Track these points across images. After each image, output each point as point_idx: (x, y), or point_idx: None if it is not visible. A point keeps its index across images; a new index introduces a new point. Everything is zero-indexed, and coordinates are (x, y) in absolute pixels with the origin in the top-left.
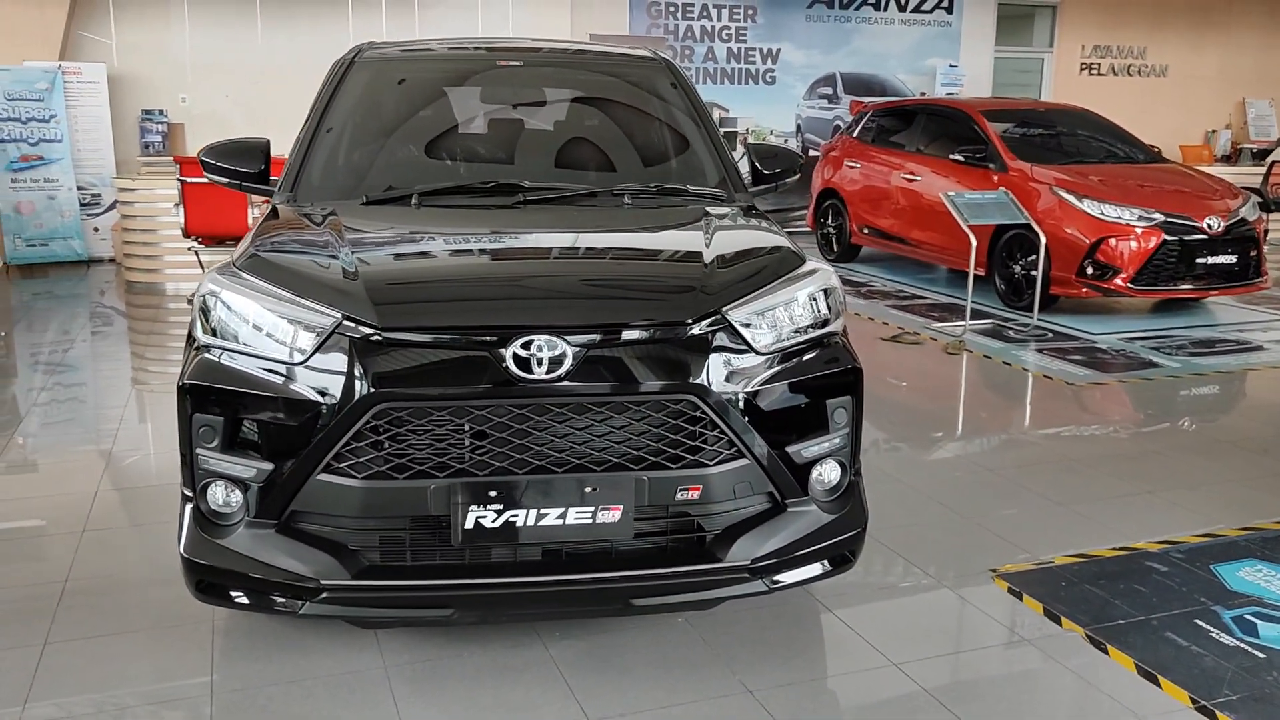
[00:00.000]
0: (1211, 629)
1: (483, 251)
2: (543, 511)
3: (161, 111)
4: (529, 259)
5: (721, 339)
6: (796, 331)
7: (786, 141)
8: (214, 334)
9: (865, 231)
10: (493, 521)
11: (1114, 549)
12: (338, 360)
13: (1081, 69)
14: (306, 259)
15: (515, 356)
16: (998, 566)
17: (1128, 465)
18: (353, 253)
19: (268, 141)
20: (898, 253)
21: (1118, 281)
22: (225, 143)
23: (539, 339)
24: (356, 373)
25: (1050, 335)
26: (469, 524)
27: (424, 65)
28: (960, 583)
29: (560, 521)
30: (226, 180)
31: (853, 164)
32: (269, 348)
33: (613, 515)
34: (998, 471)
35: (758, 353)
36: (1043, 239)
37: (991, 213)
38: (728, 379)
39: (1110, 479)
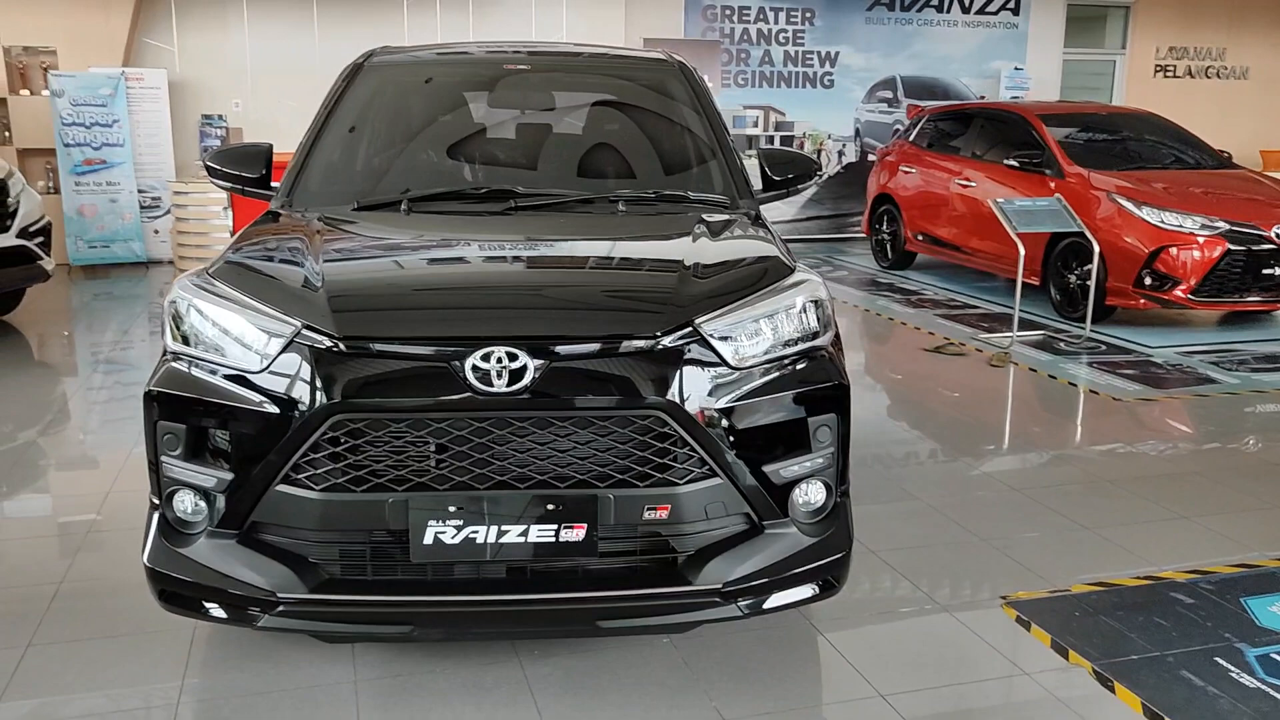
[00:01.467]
0: (1232, 668)
1: (454, 260)
2: (504, 528)
3: (220, 116)
4: (500, 268)
5: (693, 352)
6: (778, 345)
7: (844, 146)
8: (182, 341)
9: (919, 238)
10: (452, 537)
11: (1138, 577)
12: (296, 369)
13: (1156, 71)
14: (277, 266)
15: (475, 368)
16: (1009, 593)
17: (1166, 487)
18: (322, 260)
19: (270, 147)
20: (952, 261)
21: (1178, 293)
22: (230, 148)
23: (499, 351)
24: (314, 383)
25: (1103, 348)
26: (428, 539)
27: (429, 70)
28: (966, 609)
29: (522, 539)
30: (229, 185)
31: (907, 169)
32: (232, 355)
33: (576, 534)
34: (1024, 491)
35: (732, 367)
36: (1096, 247)
37: (1042, 220)
38: (699, 394)
39: (1144, 502)
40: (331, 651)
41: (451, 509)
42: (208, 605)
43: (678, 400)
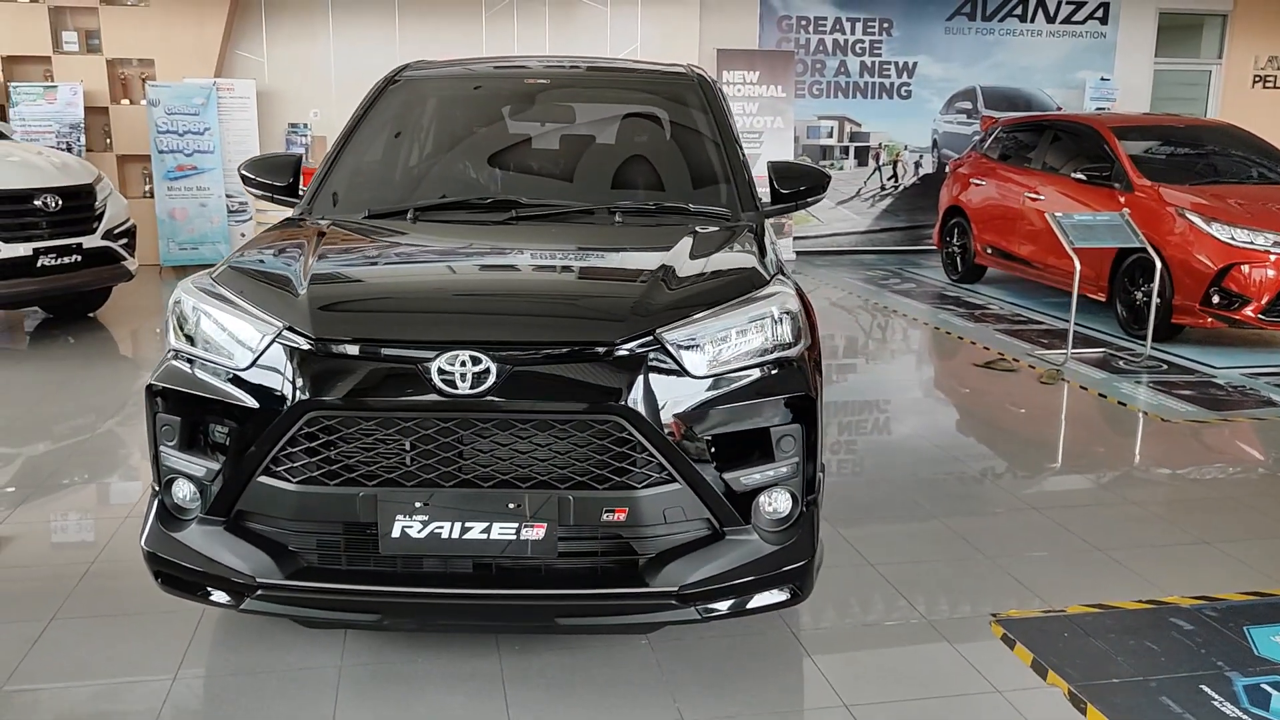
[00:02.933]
0: (1216, 696)
1: (437, 267)
2: (467, 525)
3: (305, 125)
4: (478, 275)
5: (653, 360)
6: (745, 355)
7: (921, 157)
8: (183, 339)
9: (989, 252)
10: (418, 532)
11: (1140, 601)
12: (277, 368)
13: (1255, 81)
14: (272, 271)
15: (440, 371)
16: (1000, 611)
17: (1195, 512)
18: (312, 265)
19: (300, 157)
20: (1021, 275)
21: (1247, 312)
22: (262, 157)
23: (463, 354)
24: (292, 380)
25: (1164, 367)
26: (395, 533)
27: (453, 85)
28: (952, 626)
29: (485, 536)
30: (260, 193)
31: (978, 181)
32: (223, 354)
33: (537, 533)
34: (1044, 511)
35: (693, 376)
36: (1158, 264)
37: (1103, 235)
38: (659, 402)
39: (1167, 526)
40: (323, 638)
41: (417, 505)
42: (196, 588)
43: (636, 407)
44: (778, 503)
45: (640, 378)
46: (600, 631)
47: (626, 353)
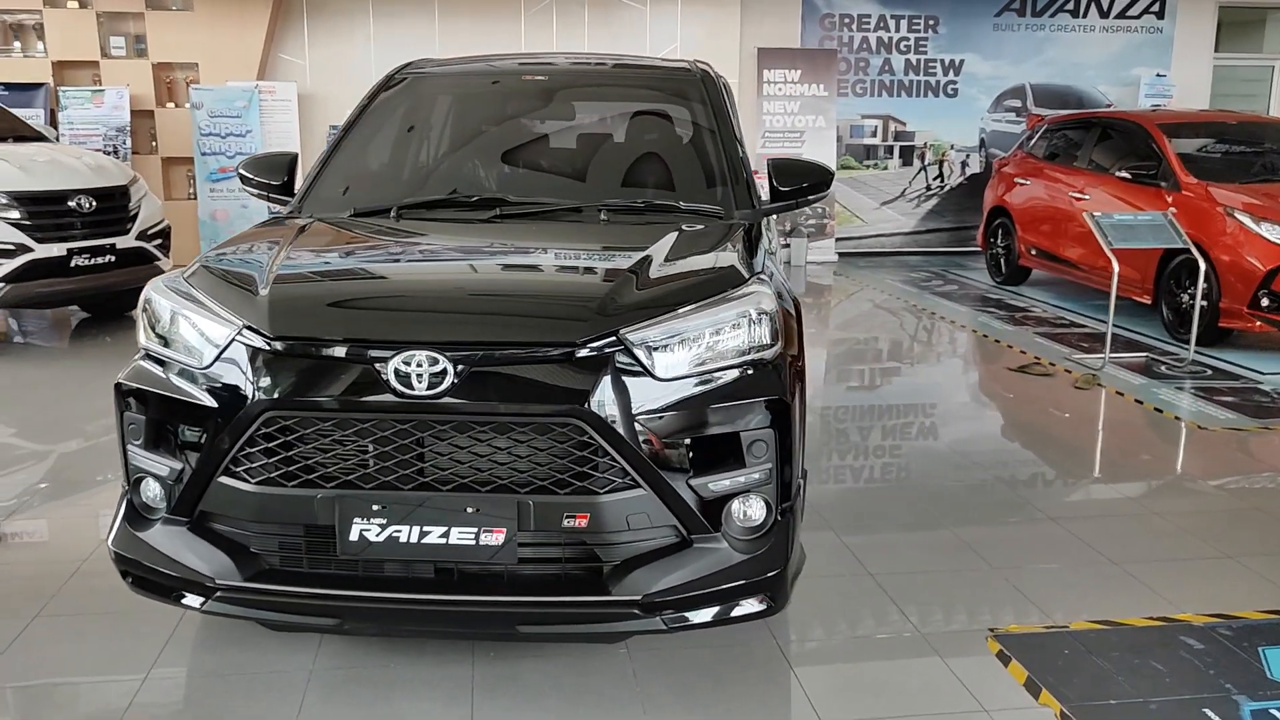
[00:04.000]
0: None
1: (404, 266)
2: (426, 529)
3: None
4: (443, 274)
5: (617, 362)
6: (715, 357)
7: (968, 157)
8: (152, 338)
9: (1033, 253)
10: (376, 535)
11: (1151, 618)
12: (236, 367)
13: None
14: (241, 270)
15: (397, 371)
16: (999, 626)
17: (1221, 525)
18: (279, 264)
19: (295, 156)
20: (1066, 277)
21: None
22: (260, 156)
23: (419, 354)
24: (251, 380)
25: (1208, 372)
26: (354, 536)
27: (452, 82)
28: (946, 640)
29: (443, 540)
30: (256, 191)
31: (1023, 181)
32: (185, 352)
33: (496, 538)
34: (1061, 521)
35: (657, 378)
36: (1202, 266)
37: (1143, 235)
38: (621, 404)
39: (1190, 539)
40: (298, 641)
41: (375, 507)
42: (159, 588)
43: (597, 409)
44: (750, 510)
45: (602, 379)
46: (563, 640)
47: (588, 353)
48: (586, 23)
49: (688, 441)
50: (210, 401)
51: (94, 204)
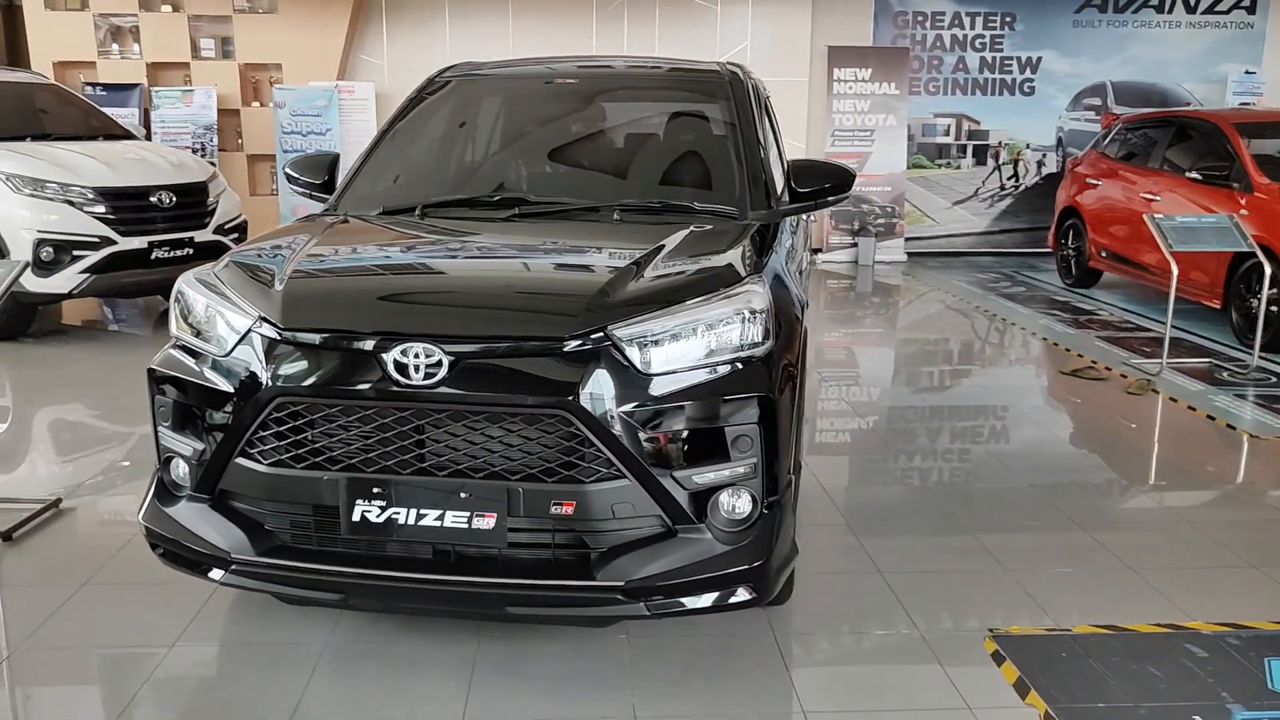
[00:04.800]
0: None
1: (414, 262)
2: (422, 512)
3: None
4: (449, 270)
5: (604, 357)
6: (703, 353)
7: (1044, 156)
8: (185, 328)
9: (1103, 255)
10: (376, 516)
11: (1157, 625)
12: (251, 355)
13: None
14: (265, 265)
15: (396, 362)
16: (999, 627)
17: (1254, 535)
18: (301, 259)
19: (336, 156)
20: (1136, 280)
21: None
22: (304, 157)
23: (416, 346)
24: (264, 367)
25: (1273, 379)
26: (356, 517)
27: (487, 84)
28: (944, 640)
29: (438, 523)
30: (301, 190)
31: (1094, 181)
32: (209, 341)
33: (487, 522)
34: (1086, 528)
35: (644, 373)
36: (1268, 269)
37: (1207, 238)
38: (607, 397)
39: (1219, 548)
40: (320, 616)
41: (375, 490)
42: (182, 560)
43: (583, 402)
44: (737, 503)
45: (589, 373)
46: (551, 622)
47: (576, 348)
48: (658, 22)
49: (672, 434)
50: (229, 387)
51: (174, 199)
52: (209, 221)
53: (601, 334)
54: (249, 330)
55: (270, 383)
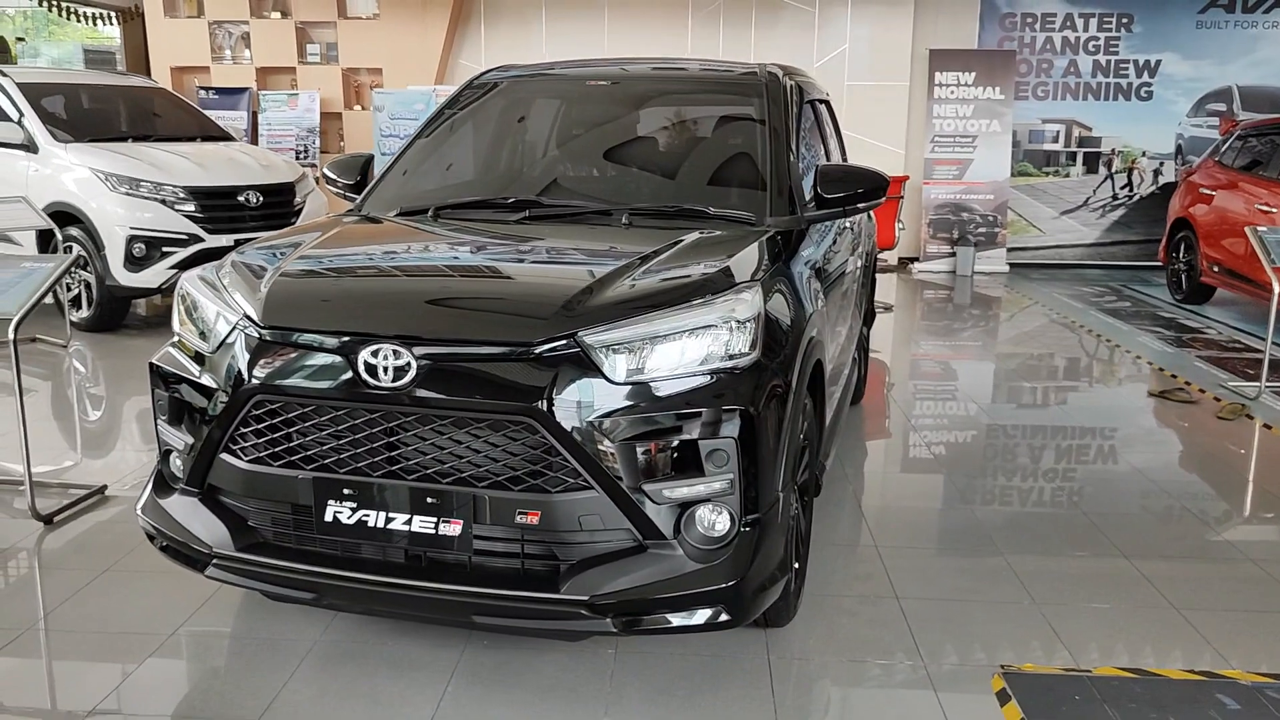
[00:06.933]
0: None
1: (402, 264)
2: (391, 515)
3: None
4: (430, 273)
5: (574, 363)
6: (678, 363)
7: (1161, 164)
8: (184, 323)
9: (1215, 270)
10: (348, 518)
11: (1189, 671)
12: (235, 353)
13: None
14: (261, 264)
15: (366, 363)
16: (1013, 664)
17: None
18: (293, 260)
19: (369, 157)
20: (1252, 297)
21: None
22: (341, 158)
23: (385, 347)
24: (245, 365)
25: None
26: (328, 517)
27: (521, 87)
28: (950, 674)
29: (406, 528)
30: (337, 190)
31: (1208, 191)
32: (202, 338)
33: (454, 528)
34: (1136, 560)
35: (613, 381)
36: None
37: None
38: (575, 405)
39: (1277, 591)
40: (315, 614)
41: (346, 492)
42: (173, 553)
43: (550, 409)
44: (716, 520)
45: (557, 380)
46: (518, 633)
47: (544, 353)
48: (754, 24)
49: (642, 446)
50: (214, 383)
51: (261, 199)
52: (295, 221)
53: (570, 339)
54: (234, 328)
55: (250, 380)
